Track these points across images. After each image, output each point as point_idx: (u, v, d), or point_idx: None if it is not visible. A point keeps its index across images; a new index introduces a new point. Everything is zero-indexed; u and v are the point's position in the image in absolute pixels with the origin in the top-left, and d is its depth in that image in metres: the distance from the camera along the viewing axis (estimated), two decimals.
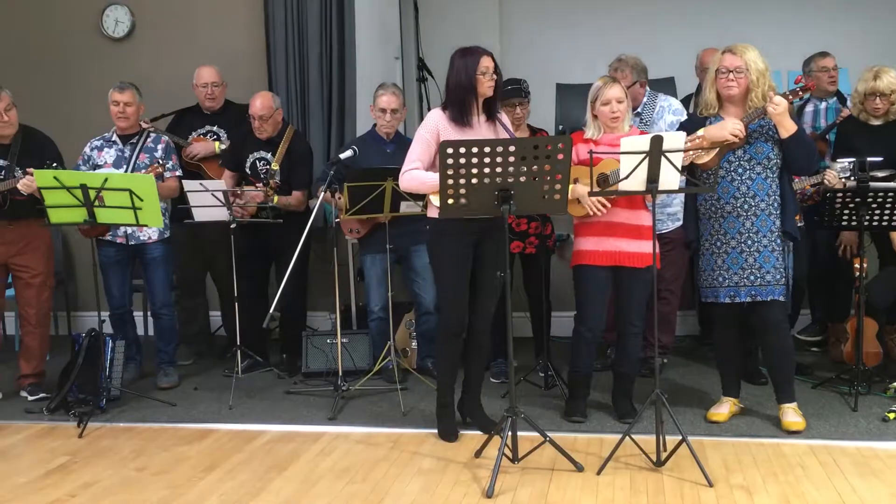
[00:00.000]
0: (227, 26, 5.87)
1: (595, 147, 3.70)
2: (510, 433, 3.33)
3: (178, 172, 4.71)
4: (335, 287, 4.37)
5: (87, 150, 4.65)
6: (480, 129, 3.64)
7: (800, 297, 4.78)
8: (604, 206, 3.67)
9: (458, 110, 3.60)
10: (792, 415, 3.71)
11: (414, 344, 4.93)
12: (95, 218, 4.06)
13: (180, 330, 5.08)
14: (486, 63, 3.57)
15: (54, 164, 4.26)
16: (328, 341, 4.79)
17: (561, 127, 5.09)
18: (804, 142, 3.62)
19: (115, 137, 4.65)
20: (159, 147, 4.66)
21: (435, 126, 3.62)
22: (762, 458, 3.43)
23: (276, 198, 4.61)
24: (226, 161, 4.93)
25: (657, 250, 3.50)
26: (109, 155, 4.61)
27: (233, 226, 4.48)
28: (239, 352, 4.64)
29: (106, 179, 3.99)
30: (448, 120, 3.62)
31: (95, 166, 4.59)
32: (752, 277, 3.64)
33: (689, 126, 3.72)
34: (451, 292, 3.67)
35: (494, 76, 3.60)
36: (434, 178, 3.53)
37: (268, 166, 4.73)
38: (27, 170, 4.21)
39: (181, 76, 5.23)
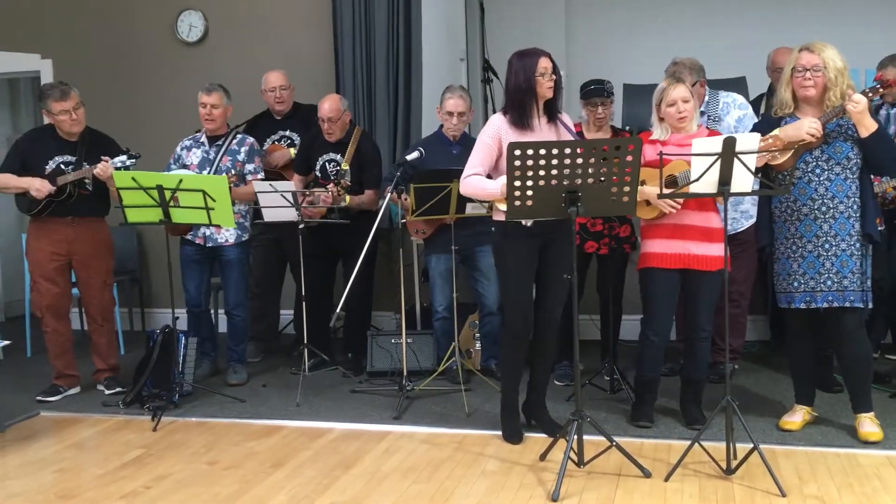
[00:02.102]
0: (295, 30, 5.97)
1: (662, 148, 3.65)
2: (576, 437, 3.31)
3: (261, 175, 4.80)
4: (400, 287, 4.40)
5: (178, 149, 4.80)
6: (542, 131, 3.62)
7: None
8: (673, 206, 3.63)
9: (518, 113, 3.58)
10: (869, 425, 3.59)
11: (478, 345, 4.93)
12: (170, 218, 4.18)
13: (252, 326, 5.19)
14: (543, 64, 3.54)
15: (138, 155, 4.41)
16: (393, 341, 4.83)
17: (628, 127, 5.02)
18: (886, 140, 3.50)
19: (203, 139, 4.78)
20: (242, 150, 4.76)
21: (497, 131, 3.61)
22: (837, 468, 3.33)
23: (348, 198, 4.67)
24: (295, 165, 5.01)
25: (726, 252, 3.44)
26: (196, 156, 4.74)
27: (301, 226, 4.55)
28: (306, 350, 4.71)
29: (181, 180, 4.10)
30: (509, 123, 3.60)
31: (184, 166, 4.72)
32: (829, 283, 3.54)
33: (763, 127, 3.63)
34: (515, 294, 3.66)
35: (553, 77, 3.57)
36: (493, 186, 3.52)
37: (338, 167, 4.79)
38: (102, 157, 4.36)
39: (252, 79, 5.34)
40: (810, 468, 3.34)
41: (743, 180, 3.24)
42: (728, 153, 3.18)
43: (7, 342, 4.16)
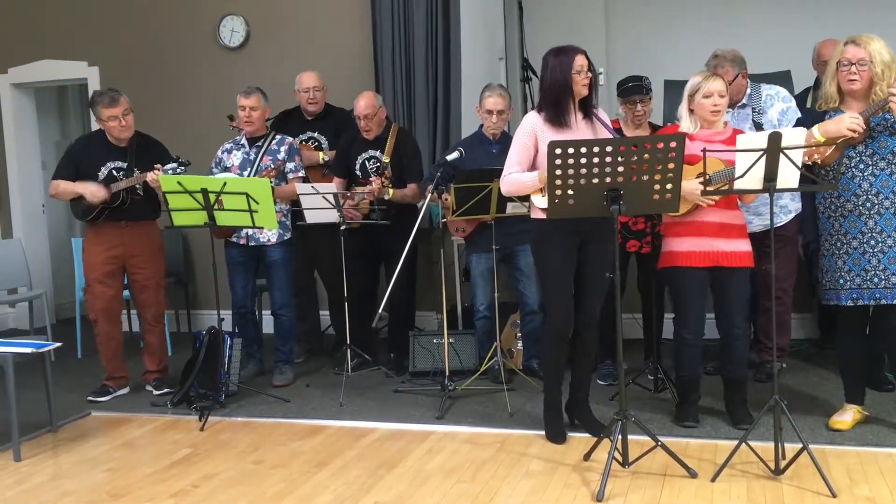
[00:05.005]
0: (335, 32, 6.02)
1: (690, 143, 3.60)
2: (620, 436, 3.28)
3: (301, 174, 4.85)
4: (442, 287, 4.41)
5: (218, 152, 4.87)
6: (578, 129, 3.60)
7: None
8: (709, 201, 3.59)
9: (554, 110, 3.57)
10: None
11: (520, 344, 4.93)
12: (215, 221, 4.25)
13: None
14: (580, 61, 3.53)
15: (188, 162, 4.49)
16: (434, 341, 4.84)
17: (669, 125, 4.98)
18: None
19: (243, 140, 4.85)
20: (282, 149, 4.81)
21: (532, 129, 3.60)
22: (889, 468, 3.27)
23: (391, 191, 4.69)
24: (335, 168, 5.04)
25: (772, 249, 3.38)
26: (236, 157, 4.81)
27: (342, 227, 4.58)
28: (348, 350, 4.75)
29: (225, 184, 4.16)
30: (544, 121, 3.59)
31: (225, 168, 4.80)
32: (875, 280, 3.47)
33: (807, 122, 3.57)
34: (556, 294, 3.65)
35: (589, 74, 3.55)
36: (532, 176, 3.54)
37: (378, 162, 4.82)
38: (155, 165, 4.45)
39: (293, 83, 5.38)
40: (861, 468, 3.27)
41: (788, 176, 3.19)
42: (774, 149, 3.13)
43: (58, 344, 4.25)
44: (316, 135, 5.28)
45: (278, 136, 4.87)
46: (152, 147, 4.71)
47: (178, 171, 4.46)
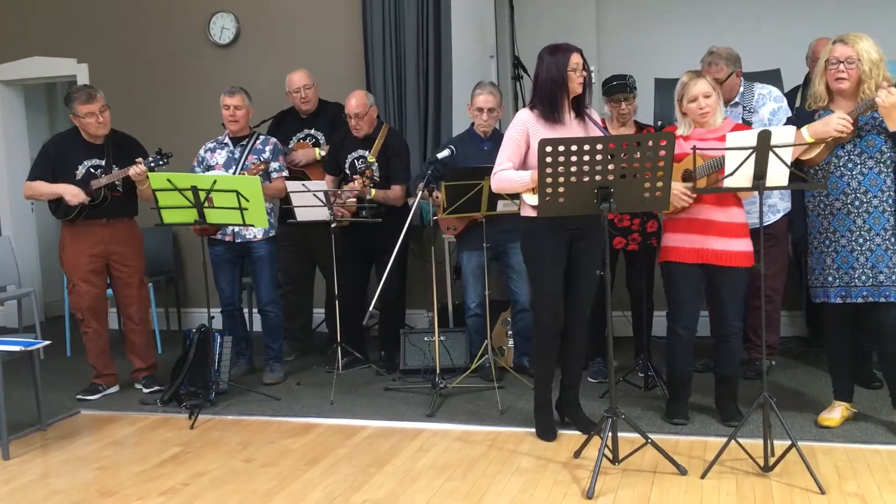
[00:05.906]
0: (326, 30, 6.01)
1: (685, 143, 3.61)
2: (610, 434, 3.29)
3: (285, 173, 4.85)
4: (433, 285, 4.41)
5: (201, 152, 4.85)
6: (571, 127, 3.60)
7: None
8: (686, 201, 3.58)
9: (549, 107, 3.57)
10: None
11: (511, 342, 4.93)
12: (205, 218, 4.23)
13: (285, 325, 5.23)
14: (576, 59, 3.54)
15: (170, 154, 4.47)
16: (426, 339, 4.84)
17: (660, 122, 4.98)
18: None
19: (226, 140, 4.83)
20: (267, 148, 4.81)
21: (524, 126, 3.60)
22: (877, 465, 3.28)
23: (373, 191, 4.69)
24: (327, 166, 5.04)
25: (761, 247, 3.39)
26: (221, 156, 4.80)
27: (333, 225, 4.58)
28: (339, 348, 4.74)
29: (215, 181, 4.15)
30: (537, 118, 3.59)
31: (208, 167, 4.78)
32: (863, 278, 3.48)
33: (796, 121, 3.58)
34: (546, 292, 3.65)
35: (584, 73, 3.56)
36: (524, 176, 3.53)
37: (364, 162, 4.82)
38: (137, 160, 4.42)
39: (283, 81, 5.37)
40: (850, 465, 3.29)
41: (778, 174, 3.20)
42: (763, 147, 3.14)
43: (47, 342, 4.23)
44: (313, 132, 5.27)
45: (262, 136, 4.86)
46: (128, 143, 4.69)
47: (161, 163, 4.44)
